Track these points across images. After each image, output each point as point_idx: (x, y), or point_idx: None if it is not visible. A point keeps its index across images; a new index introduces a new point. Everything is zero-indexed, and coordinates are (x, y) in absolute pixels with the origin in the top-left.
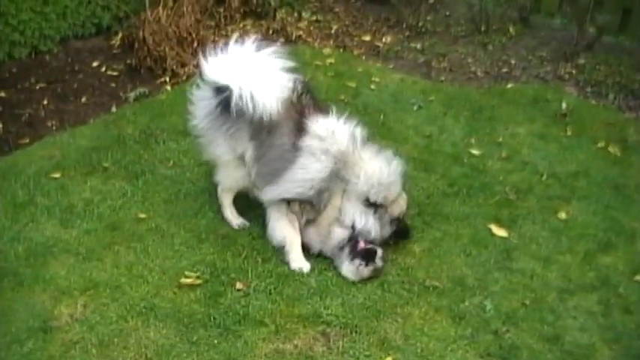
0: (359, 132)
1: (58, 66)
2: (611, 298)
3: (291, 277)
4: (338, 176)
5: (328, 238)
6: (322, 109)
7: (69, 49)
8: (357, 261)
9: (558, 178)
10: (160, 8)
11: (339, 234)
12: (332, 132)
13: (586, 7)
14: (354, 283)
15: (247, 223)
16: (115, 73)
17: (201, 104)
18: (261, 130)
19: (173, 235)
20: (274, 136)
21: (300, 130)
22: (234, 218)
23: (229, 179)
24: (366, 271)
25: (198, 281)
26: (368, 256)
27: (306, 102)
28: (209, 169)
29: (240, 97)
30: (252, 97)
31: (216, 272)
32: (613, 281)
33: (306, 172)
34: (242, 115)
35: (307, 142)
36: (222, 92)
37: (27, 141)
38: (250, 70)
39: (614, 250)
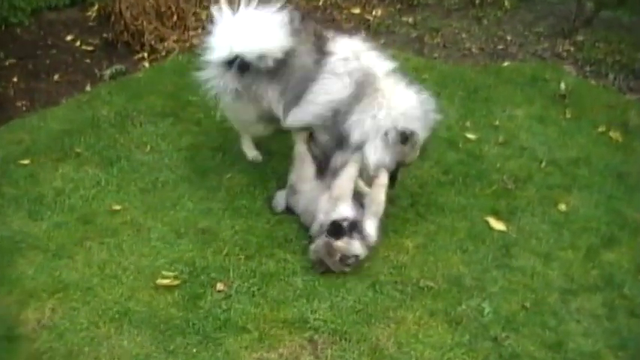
0: (385, 62)
1: (29, 40)
2: (616, 299)
3: (275, 277)
4: (359, 102)
5: (332, 211)
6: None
7: (42, 22)
8: (323, 235)
9: (558, 165)
10: None
11: (343, 211)
12: (356, 54)
13: None
14: (343, 283)
15: (260, 158)
16: (90, 48)
17: (221, 82)
18: (278, 67)
19: (149, 230)
20: (294, 60)
21: (320, 49)
22: (249, 150)
23: (252, 131)
24: (320, 243)
25: (176, 282)
26: (334, 229)
27: (313, 25)
28: (189, 155)
29: (254, 55)
30: (261, 51)
31: (195, 272)
32: (617, 280)
33: (327, 93)
34: (260, 69)
35: (330, 61)
36: (233, 62)
37: None
38: (247, 30)
39: (618, 245)
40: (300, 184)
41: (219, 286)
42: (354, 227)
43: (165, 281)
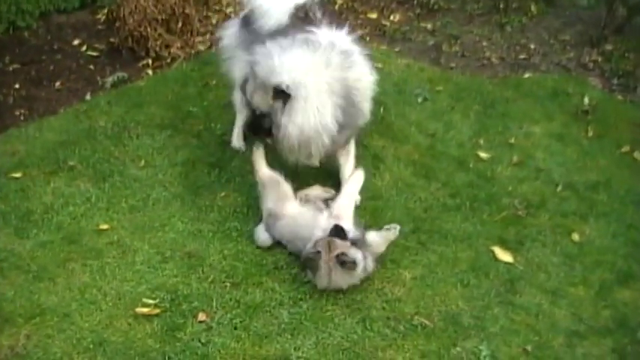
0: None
1: (36, 44)
2: (628, 344)
3: (260, 308)
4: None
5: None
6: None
7: (50, 25)
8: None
9: (575, 190)
10: None
11: (345, 226)
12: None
13: None
14: (331, 318)
15: (243, 149)
16: (95, 54)
17: (230, 29)
18: None
19: (135, 252)
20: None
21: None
22: (237, 140)
23: (238, 100)
24: (320, 240)
25: (156, 310)
26: (337, 231)
27: (317, 16)
28: (184, 171)
29: (256, 10)
30: (263, 8)
31: (177, 299)
32: (631, 323)
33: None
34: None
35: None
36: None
37: None
38: None
39: (635, 282)
40: (281, 208)
41: (201, 316)
42: (354, 244)
43: (145, 309)
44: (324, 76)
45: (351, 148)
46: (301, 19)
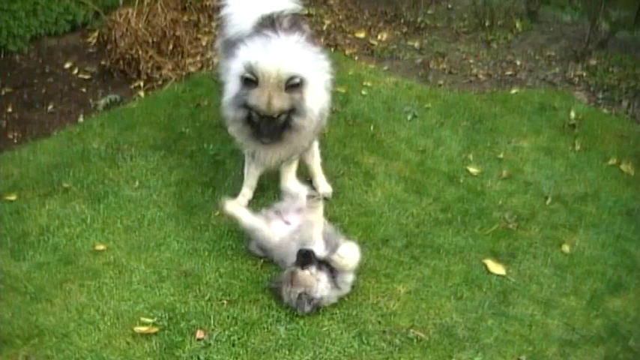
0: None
1: (27, 68)
2: (620, 352)
3: (257, 325)
4: None
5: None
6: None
7: (41, 48)
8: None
9: (564, 202)
10: (130, 8)
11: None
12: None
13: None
14: (328, 333)
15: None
16: (86, 77)
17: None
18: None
19: (132, 271)
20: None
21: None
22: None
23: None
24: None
25: (155, 329)
26: (302, 257)
27: (282, 25)
28: (177, 191)
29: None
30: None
31: (175, 318)
32: (622, 331)
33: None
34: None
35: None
36: None
37: None
38: None
39: (625, 290)
40: (266, 244)
41: (199, 334)
42: (323, 262)
43: (144, 328)
44: (308, 61)
45: (315, 148)
46: (265, 27)
